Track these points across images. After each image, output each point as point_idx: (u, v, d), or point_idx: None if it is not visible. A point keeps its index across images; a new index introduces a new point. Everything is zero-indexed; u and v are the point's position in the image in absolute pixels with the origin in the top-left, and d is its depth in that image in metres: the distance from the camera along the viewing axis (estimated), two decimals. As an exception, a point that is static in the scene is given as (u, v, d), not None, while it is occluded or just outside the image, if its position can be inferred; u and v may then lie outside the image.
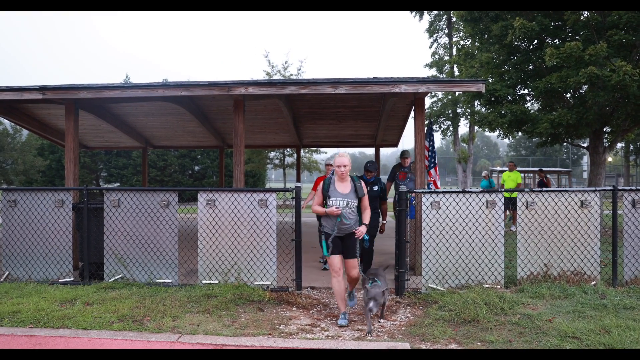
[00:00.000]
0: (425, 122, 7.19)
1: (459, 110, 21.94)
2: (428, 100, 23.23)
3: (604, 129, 11.81)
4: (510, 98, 12.06)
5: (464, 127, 25.22)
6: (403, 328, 4.39)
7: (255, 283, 5.64)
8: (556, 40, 11.46)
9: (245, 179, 25.46)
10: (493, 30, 11.36)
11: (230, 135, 12.59)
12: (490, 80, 12.06)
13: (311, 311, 4.99)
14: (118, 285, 5.73)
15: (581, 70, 9.53)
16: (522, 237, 5.66)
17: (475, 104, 17.15)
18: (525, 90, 12.50)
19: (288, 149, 22.90)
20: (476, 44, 14.21)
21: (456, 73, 20.82)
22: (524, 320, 4.33)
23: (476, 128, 21.63)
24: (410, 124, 8.48)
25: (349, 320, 4.59)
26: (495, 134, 13.76)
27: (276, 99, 7.78)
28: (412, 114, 7.72)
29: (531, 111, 12.21)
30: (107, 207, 6.04)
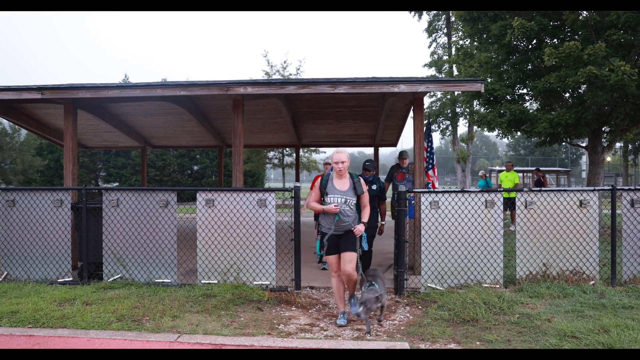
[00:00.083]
0: (424, 122, 7.18)
1: (458, 109, 21.96)
2: (427, 100, 23.24)
3: (603, 129, 11.83)
4: (509, 98, 12.07)
5: (463, 127, 25.25)
6: (402, 328, 4.39)
7: (255, 283, 5.64)
8: (555, 40, 11.48)
9: (245, 178, 25.46)
10: (492, 30, 11.37)
11: (229, 135, 12.58)
12: (489, 80, 12.06)
13: (310, 311, 4.99)
14: (117, 285, 5.72)
15: (580, 70, 9.54)
16: (521, 237, 5.66)
17: (474, 103, 17.21)
18: (524, 90, 12.51)
19: (287, 149, 22.89)
20: (475, 43, 14.21)
21: (455, 73, 20.85)
22: (523, 320, 4.34)
23: (475, 128, 21.67)
24: (410, 124, 8.47)
25: (348, 319, 4.58)
26: (494, 133, 13.77)
27: (275, 98, 7.78)
28: (411, 113, 7.72)
29: (530, 111, 12.22)
30: (106, 207, 6.03)
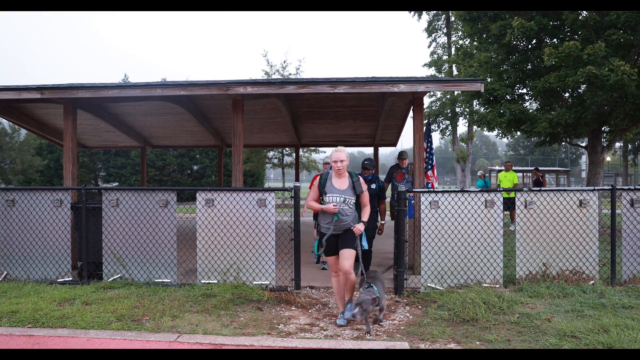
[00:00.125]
0: (424, 122, 7.18)
1: (457, 109, 21.96)
2: (427, 100, 23.22)
3: (603, 129, 11.84)
4: (508, 97, 12.07)
5: (462, 127, 25.22)
6: (402, 327, 4.39)
7: (254, 282, 5.64)
8: (555, 39, 11.48)
9: (244, 178, 25.50)
10: (492, 30, 11.37)
11: (229, 135, 12.57)
12: (489, 80, 12.06)
13: (310, 310, 4.99)
14: (117, 285, 5.72)
15: (579, 70, 9.54)
16: (521, 237, 5.66)
17: (474, 103, 17.22)
18: (524, 90, 12.51)
19: (287, 149, 22.89)
20: (475, 43, 14.21)
21: (455, 72, 20.85)
22: (523, 320, 4.34)
23: (475, 127, 21.68)
24: (409, 124, 8.47)
25: (347, 319, 4.58)
26: (494, 133, 13.77)
27: (275, 98, 7.78)
28: (411, 113, 7.72)
29: (530, 111, 12.23)
30: (106, 207, 6.03)
